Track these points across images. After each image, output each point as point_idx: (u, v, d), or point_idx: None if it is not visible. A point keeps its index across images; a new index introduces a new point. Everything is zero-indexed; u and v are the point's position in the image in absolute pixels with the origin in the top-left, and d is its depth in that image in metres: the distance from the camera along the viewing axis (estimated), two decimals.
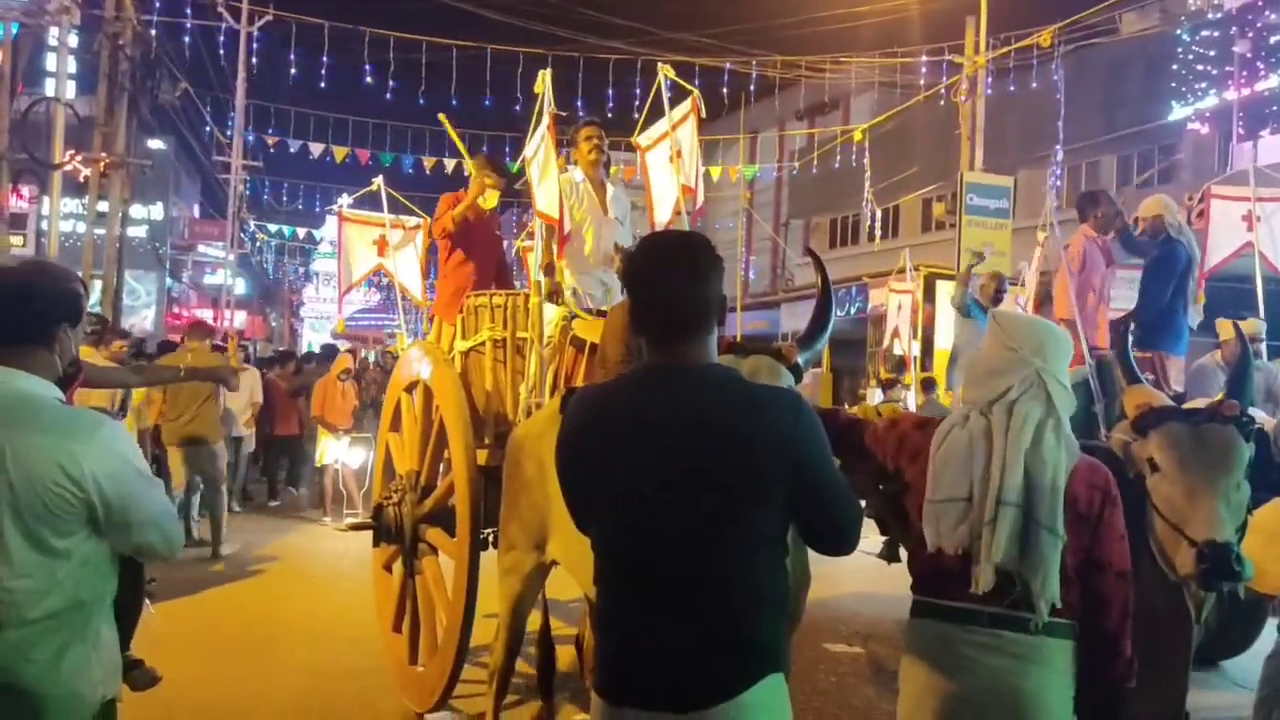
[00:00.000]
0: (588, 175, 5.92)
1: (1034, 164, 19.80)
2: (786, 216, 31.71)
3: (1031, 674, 2.54)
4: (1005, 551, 2.49)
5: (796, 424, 2.23)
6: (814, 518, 2.30)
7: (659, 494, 2.18)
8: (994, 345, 2.70)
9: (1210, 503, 2.84)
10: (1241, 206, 7.57)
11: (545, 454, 4.03)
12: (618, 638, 2.27)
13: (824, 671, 6.26)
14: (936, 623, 2.64)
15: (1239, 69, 17.36)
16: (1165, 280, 7.14)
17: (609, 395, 2.39)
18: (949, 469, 2.58)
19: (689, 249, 2.35)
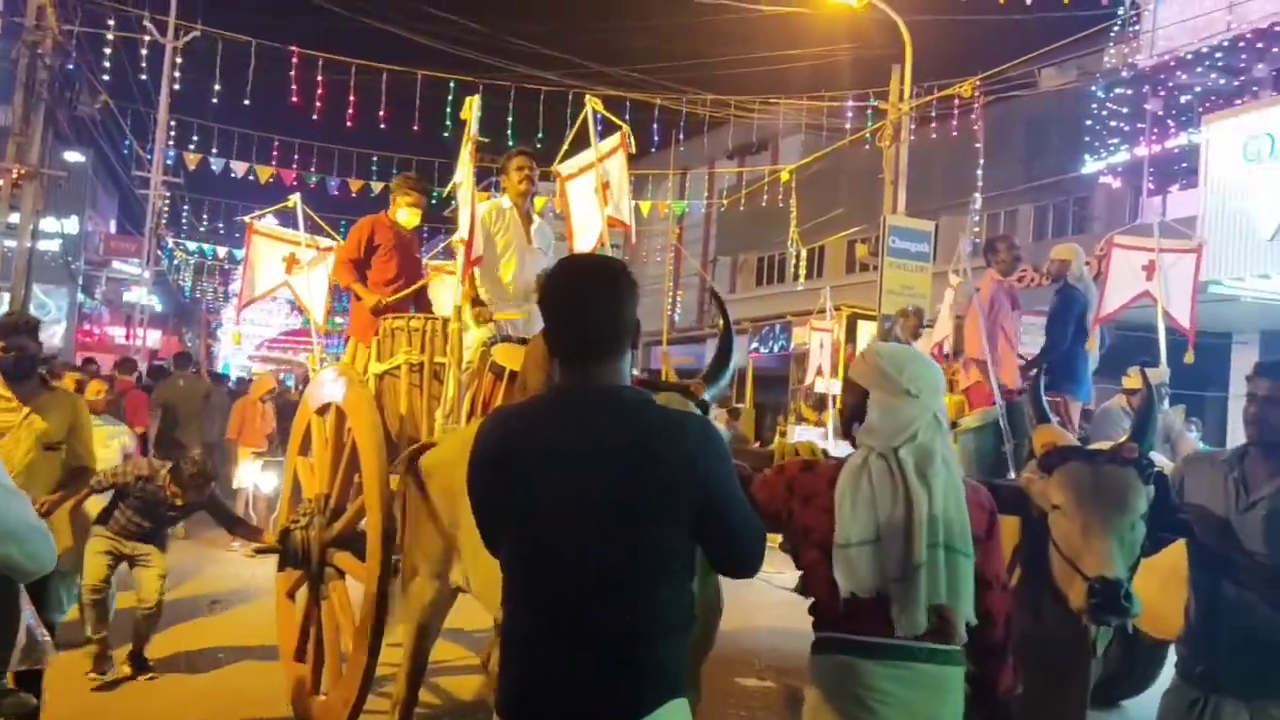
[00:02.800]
0: (515, 204, 5.92)
1: (955, 210, 20.32)
2: (714, 253, 32.03)
3: (946, 703, 2.58)
4: (941, 590, 2.52)
5: (706, 447, 2.26)
6: (719, 540, 2.32)
7: (568, 516, 2.18)
8: (887, 387, 2.67)
9: (1104, 540, 2.91)
10: (1142, 256, 7.85)
11: (455, 481, 4.02)
12: (521, 660, 2.25)
13: (735, 705, 6.26)
14: (848, 658, 2.62)
15: (1150, 126, 18.06)
16: (1065, 325, 7.37)
17: (522, 416, 2.39)
18: (857, 513, 2.58)
19: (607, 271, 2.38)
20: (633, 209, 6.12)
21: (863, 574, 2.57)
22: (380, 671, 4.96)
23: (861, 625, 2.61)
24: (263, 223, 8.04)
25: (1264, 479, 3.30)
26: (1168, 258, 7.84)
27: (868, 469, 2.63)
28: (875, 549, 2.57)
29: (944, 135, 19.49)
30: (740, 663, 7.01)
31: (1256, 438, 3.35)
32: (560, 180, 6.41)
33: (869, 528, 2.57)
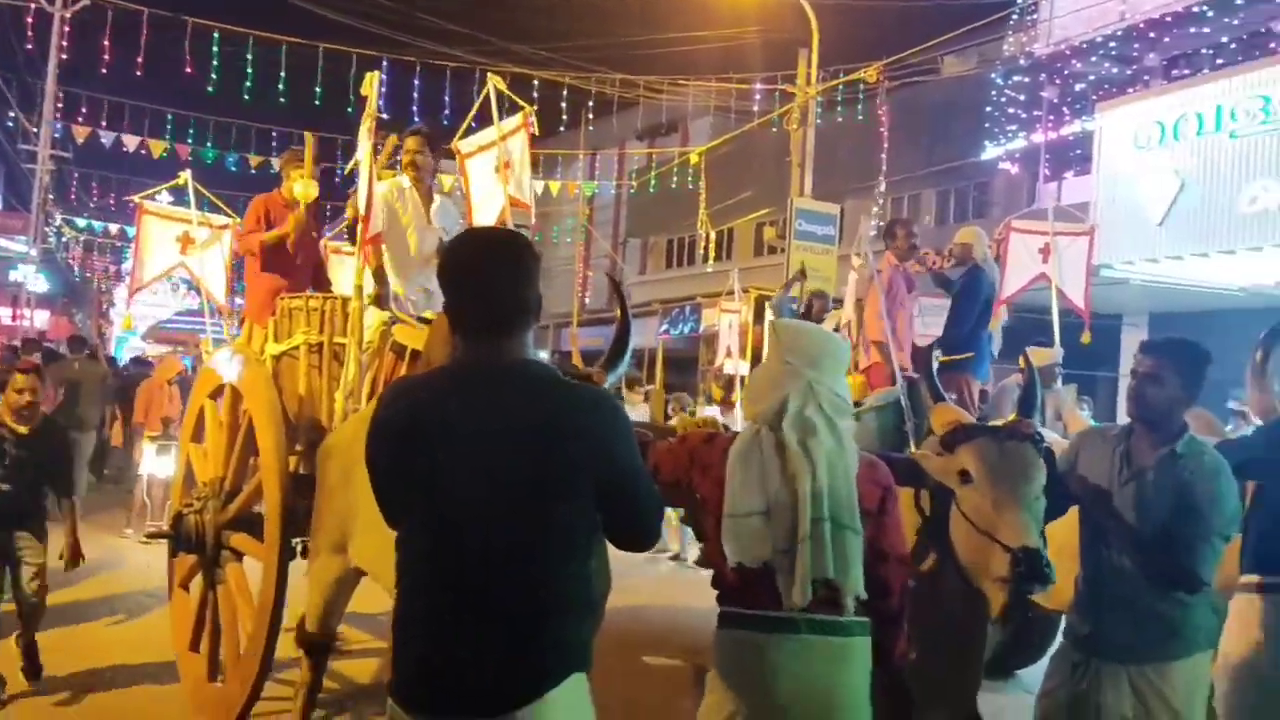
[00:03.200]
0: (414, 183, 5.83)
1: (860, 194, 20.65)
2: (625, 235, 32.05)
3: (843, 674, 2.62)
4: (827, 564, 2.55)
5: (613, 422, 2.27)
6: (621, 515, 2.34)
7: (474, 491, 2.15)
8: (772, 357, 2.78)
9: (1018, 512, 3.00)
10: (1038, 240, 8.07)
11: (352, 460, 3.97)
12: (421, 641, 2.20)
13: (647, 685, 6.28)
14: (746, 632, 2.67)
15: (1046, 114, 18.57)
16: (970, 307, 7.52)
17: (427, 388, 2.34)
18: (746, 485, 2.62)
19: (511, 244, 2.35)
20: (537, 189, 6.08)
21: (750, 545, 2.61)
22: (283, 657, 4.89)
23: (753, 598, 2.66)
24: (155, 201, 7.75)
25: (1146, 453, 3.45)
26: (1062, 241, 8.07)
27: (759, 442, 2.66)
28: (764, 521, 2.61)
29: (850, 119, 19.78)
30: (653, 643, 7.05)
31: (1136, 413, 3.49)
32: (460, 157, 6.33)
33: (757, 499, 2.62)
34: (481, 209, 6.17)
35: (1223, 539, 3.28)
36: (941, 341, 7.53)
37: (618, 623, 7.53)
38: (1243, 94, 13.19)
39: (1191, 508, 3.27)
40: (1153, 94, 15.18)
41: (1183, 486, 3.30)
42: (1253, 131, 13.02)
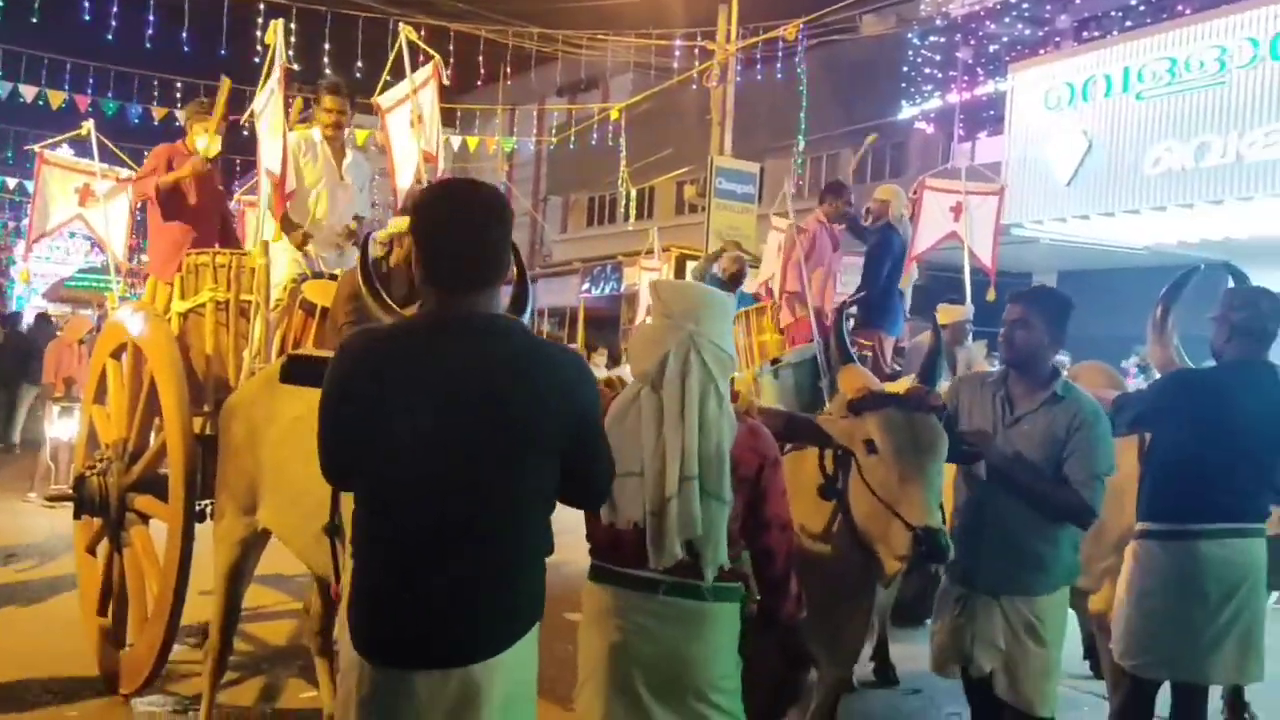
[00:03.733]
0: (326, 137, 5.69)
1: (780, 153, 20.72)
2: (545, 192, 31.76)
3: (702, 639, 2.65)
4: (694, 524, 2.56)
5: (581, 384, 2.27)
6: (579, 473, 2.34)
7: (442, 443, 2.13)
8: (655, 314, 2.75)
9: (922, 489, 3.04)
10: (950, 198, 8.18)
11: (258, 419, 3.90)
12: (386, 594, 2.18)
13: (563, 640, 6.30)
14: (614, 589, 2.70)
15: (961, 74, 18.81)
16: (882, 264, 7.62)
17: (390, 341, 2.28)
18: (623, 446, 2.60)
19: (487, 198, 2.29)
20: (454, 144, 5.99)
21: (624, 506, 2.62)
22: (193, 621, 4.83)
23: (621, 556, 2.68)
24: (55, 152, 7.44)
25: (1024, 397, 3.60)
26: (973, 200, 8.19)
27: (638, 402, 2.66)
28: (638, 482, 2.61)
29: (770, 78, 19.79)
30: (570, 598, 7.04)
31: (1007, 358, 3.65)
32: (381, 113, 6.20)
33: (633, 460, 2.61)
34: (402, 166, 6.07)
35: (1106, 475, 3.47)
36: (855, 299, 7.63)
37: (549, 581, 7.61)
38: (1149, 56, 13.51)
39: (1077, 449, 3.44)
40: (1063, 55, 15.45)
41: (1067, 428, 3.47)
42: (1158, 93, 13.36)
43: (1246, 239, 14.07)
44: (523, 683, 2.22)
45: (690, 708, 2.63)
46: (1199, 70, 12.89)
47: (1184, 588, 3.83)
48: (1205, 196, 12.80)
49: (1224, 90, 12.64)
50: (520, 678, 2.21)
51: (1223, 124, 12.59)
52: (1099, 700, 4.88)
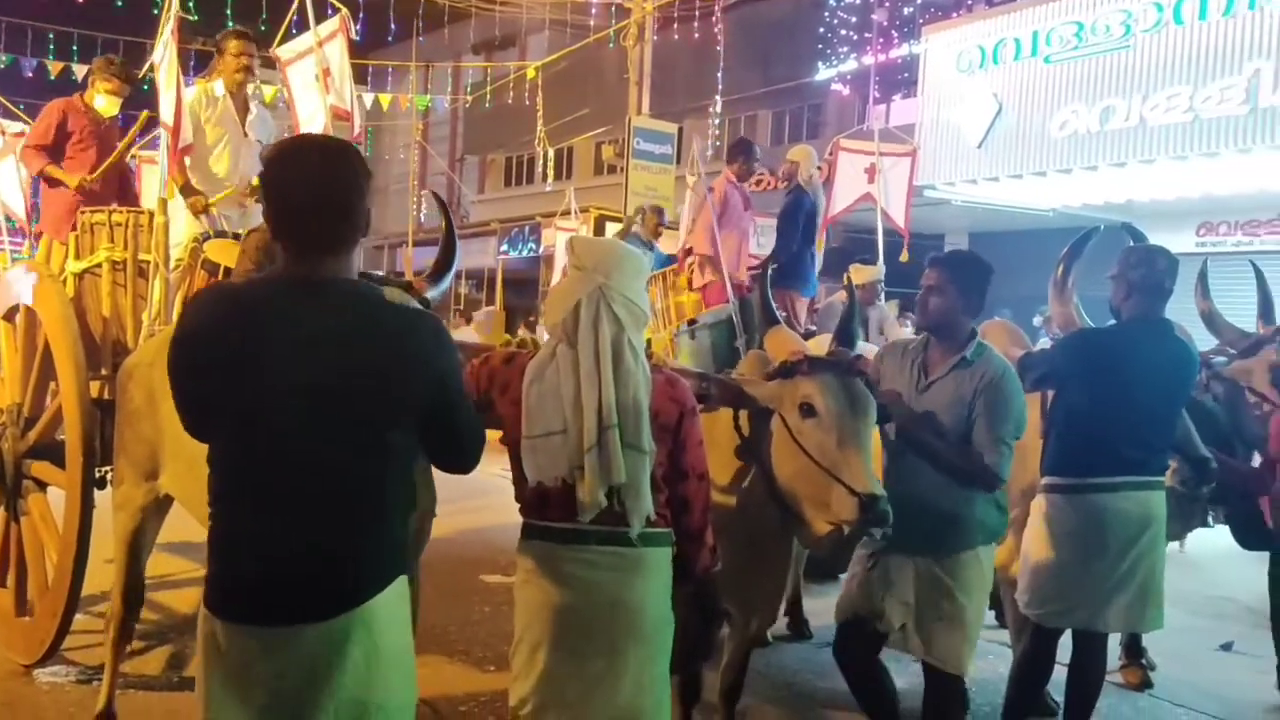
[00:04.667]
0: (230, 91, 5.49)
1: (699, 114, 20.70)
2: (462, 152, 31.33)
3: (634, 585, 2.67)
4: (616, 472, 2.57)
5: (437, 346, 2.23)
6: (443, 439, 2.33)
7: (293, 403, 2.09)
8: (569, 269, 2.76)
9: (863, 455, 3.07)
10: (865, 160, 8.28)
11: (156, 382, 3.77)
12: (243, 555, 2.16)
13: (480, 602, 6.34)
14: (543, 543, 2.71)
15: (876, 36, 18.96)
16: (795, 225, 7.67)
17: (242, 299, 2.23)
18: (544, 404, 2.61)
19: (344, 156, 2.22)
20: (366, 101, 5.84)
21: (548, 464, 2.63)
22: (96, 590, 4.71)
23: (550, 511, 2.69)
24: None
25: (939, 362, 3.64)
26: (886, 161, 8.29)
27: (555, 359, 2.65)
28: (562, 439, 2.61)
29: (687, 38, 19.71)
30: (486, 561, 7.08)
31: (922, 322, 3.69)
32: (280, 66, 6.00)
33: (555, 418, 2.62)
34: (307, 122, 5.89)
35: (1013, 439, 3.50)
36: (771, 261, 7.68)
37: (461, 543, 7.59)
38: (1057, 20, 13.74)
39: (983, 412, 3.47)
40: (975, 18, 15.66)
41: (974, 391, 3.50)
42: (1065, 57, 13.61)
43: (1148, 201, 14.51)
44: (389, 636, 2.19)
45: (628, 656, 2.65)
46: (1105, 34, 13.15)
47: (1086, 539, 3.94)
48: (1109, 159, 13.12)
49: (1129, 54, 12.93)
50: (385, 631, 2.18)
51: (1127, 87, 12.89)
52: (1003, 648, 5.03)
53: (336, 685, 2.11)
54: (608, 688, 2.64)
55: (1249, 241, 14.97)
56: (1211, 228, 15.53)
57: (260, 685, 2.13)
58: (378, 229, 32.62)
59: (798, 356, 3.27)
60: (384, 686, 2.18)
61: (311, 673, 2.11)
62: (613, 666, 2.64)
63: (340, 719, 2.13)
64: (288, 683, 2.11)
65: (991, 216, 16.54)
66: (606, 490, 2.58)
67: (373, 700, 2.16)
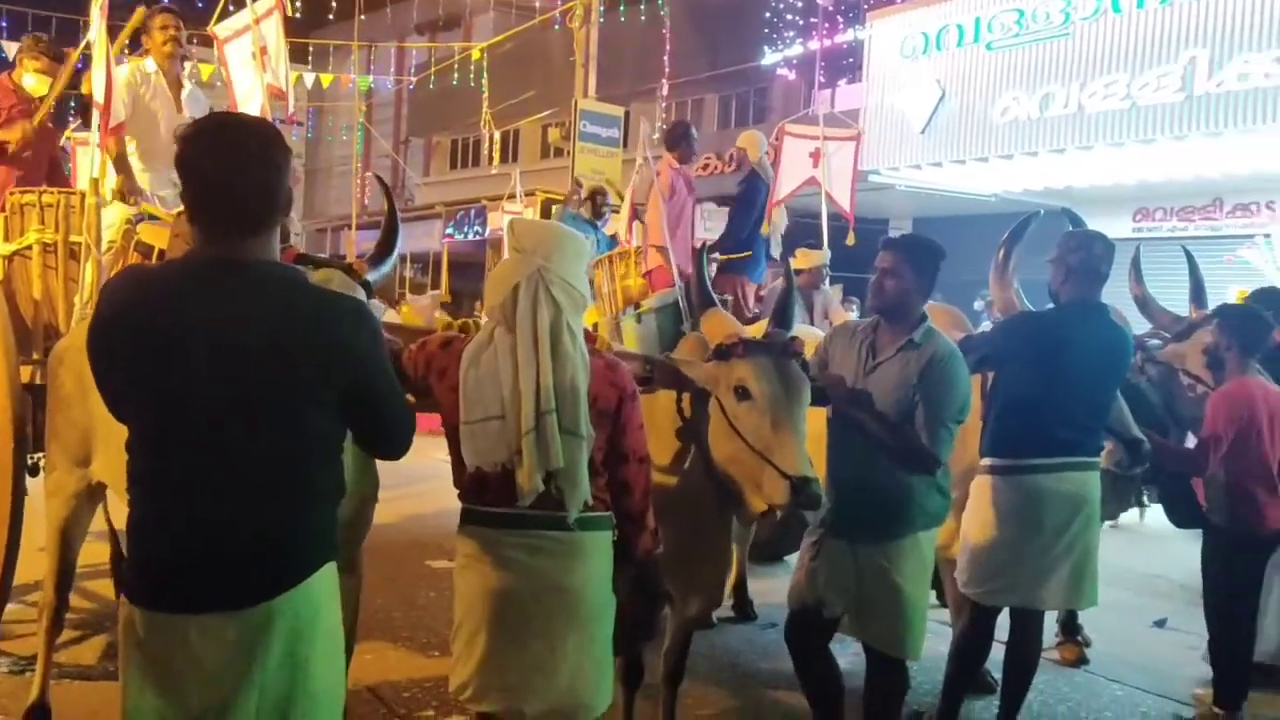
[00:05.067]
0: (161, 67, 5.38)
1: (645, 97, 20.65)
2: (407, 134, 30.95)
3: (573, 569, 2.66)
4: (555, 456, 2.55)
5: (358, 331, 2.18)
6: (368, 425, 2.31)
7: (207, 387, 2.05)
8: (507, 250, 2.73)
9: (795, 438, 3.07)
10: (810, 144, 8.28)
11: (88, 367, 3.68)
12: (164, 541, 2.12)
13: (425, 587, 6.31)
14: (482, 528, 2.70)
15: (822, 21, 19.02)
16: (748, 212, 7.68)
17: (156, 281, 2.19)
18: (482, 389, 2.60)
19: (260, 134, 2.18)
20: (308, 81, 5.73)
21: (487, 450, 2.62)
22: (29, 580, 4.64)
23: (488, 496, 2.68)
24: None
25: (888, 344, 3.64)
26: (831, 146, 8.30)
27: (493, 344, 2.63)
28: (500, 425, 2.60)
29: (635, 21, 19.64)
30: (431, 546, 7.05)
31: (875, 305, 3.68)
32: (218, 43, 5.88)
33: (493, 403, 2.60)
34: (245, 101, 5.78)
35: (955, 423, 3.50)
36: (719, 244, 7.68)
37: (406, 529, 7.54)
38: (999, 7, 13.90)
39: (926, 394, 3.48)
40: (919, 4, 15.75)
41: (919, 374, 3.50)
42: (1007, 44, 13.78)
43: (1087, 187, 14.76)
44: (316, 623, 2.16)
45: (567, 639, 2.65)
46: (1045, 21, 13.33)
47: (1023, 519, 4.00)
48: (1049, 145, 13.32)
49: (1068, 42, 13.12)
50: (312, 618, 2.15)
51: (1066, 75, 13.08)
52: (943, 627, 5.09)
53: (261, 674, 2.08)
54: (547, 671, 2.64)
55: (1183, 227, 15.30)
56: (1148, 214, 15.85)
57: (181, 675, 2.09)
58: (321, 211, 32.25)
59: (733, 339, 3.27)
60: (311, 675, 2.15)
61: (235, 662, 2.07)
62: (552, 650, 2.64)
63: (266, 708, 2.10)
64: (210, 672, 2.08)
65: (935, 202, 16.71)
66: (544, 475, 2.56)
67: (299, 689, 2.13)
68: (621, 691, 3.81)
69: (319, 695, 2.18)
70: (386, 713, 4.39)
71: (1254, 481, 4.53)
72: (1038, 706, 4.81)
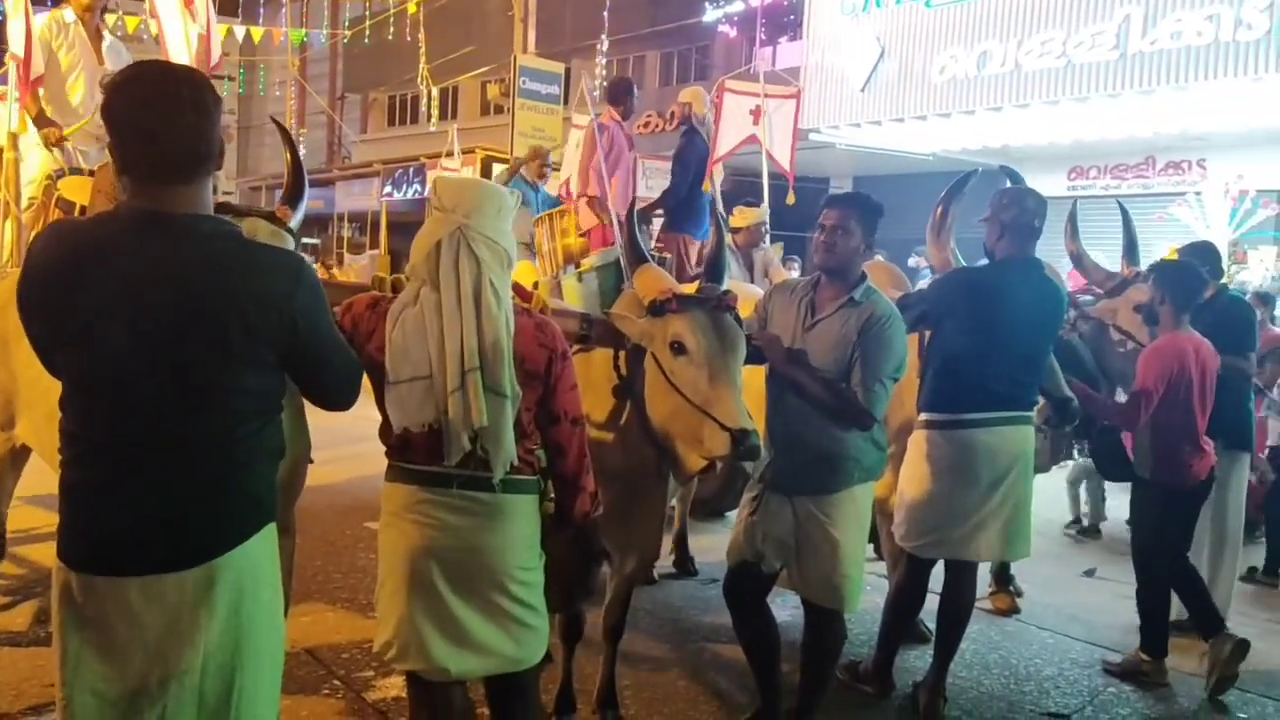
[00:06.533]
0: (80, 18, 5.19)
1: (586, 54, 20.42)
2: (342, 90, 30.34)
3: (495, 530, 2.63)
4: (480, 414, 2.52)
5: (295, 287, 2.14)
6: (311, 380, 2.32)
7: (136, 345, 2.00)
8: (429, 210, 2.68)
9: (733, 390, 3.06)
10: (750, 101, 8.25)
11: (9, 327, 3.57)
12: (97, 503, 2.07)
13: (364, 549, 6.26)
14: (406, 486, 2.66)
15: None
16: (688, 167, 7.64)
17: (84, 235, 2.11)
18: (408, 350, 2.55)
19: (189, 81, 2.11)
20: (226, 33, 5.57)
21: (414, 409, 2.58)
22: None
23: (414, 455, 2.65)
24: None
25: (828, 301, 3.65)
26: (771, 103, 8.28)
27: (418, 303, 2.59)
28: (427, 385, 2.56)
29: None
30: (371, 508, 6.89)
31: (826, 264, 3.65)
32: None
33: (420, 363, 2.56)
34: (176, 54, 5.60)
35: (891, 380, 3.53)
36: (659, 202, 7.64)
37: (344, 490, 7.46)
38: None
39: (864, 352, 3.50)
40: None
41: (857, 332, 3.52)
42: (946, 2, 13.80)
43: (1023, 145, 14.91)
44: (255, 585, 2.15)
45: (488, 599, 2.63)
46: None
47: (959, 473, 4.06)
48: (986, 103, 13.41)
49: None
50: (250, 580, 2.14)
51: (1003, 32, 13.15)
52: (880, 579, 5.19)
53: (200, 637, 2.06)
54: (467, 631, 2.61)
55: (1116, 185, 15.55)
56: (1082, 172, 16.09)
57: (123, 639, 2.05)
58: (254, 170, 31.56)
59: (667, 294, 3.25)
60: (254, 634, 2.13)
61: (174, 624, 2.05)
62: (471, 611, 2.62)
63: (207, 671, 2.07)
64: (149, 635, 2.05)
65: (875, 160, 16.79)
66: (471, 435, 2.54)
67: (243, 649, 2.11)
68: (562, 648, 3.82)
69: (262, 654, 2.16)
70: (325, 674, 4.36)
71: (1181, 436, 4.64)
72: (970, 655, 4.91)
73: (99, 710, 2.07)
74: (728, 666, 4.61)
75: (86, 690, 2.07)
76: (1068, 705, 4.51)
